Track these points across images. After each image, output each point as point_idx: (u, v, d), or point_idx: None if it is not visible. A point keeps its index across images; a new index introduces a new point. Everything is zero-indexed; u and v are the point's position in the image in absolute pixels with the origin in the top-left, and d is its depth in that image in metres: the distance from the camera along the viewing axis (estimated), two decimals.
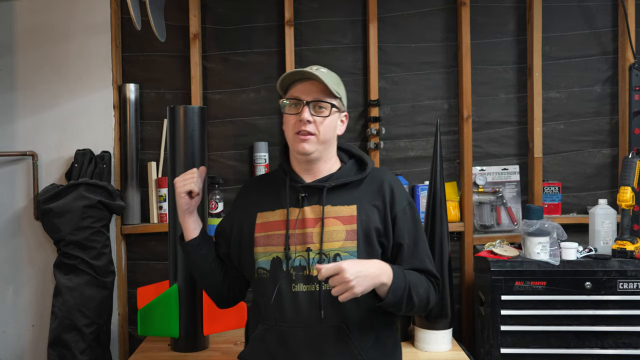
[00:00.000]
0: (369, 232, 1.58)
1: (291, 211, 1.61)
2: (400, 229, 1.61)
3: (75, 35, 2.57)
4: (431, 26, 2.68)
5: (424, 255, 1.63)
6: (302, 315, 1.55)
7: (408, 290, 1.51)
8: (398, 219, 1.61)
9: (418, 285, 1.55)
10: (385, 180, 1.65)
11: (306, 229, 1.59)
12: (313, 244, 1.58)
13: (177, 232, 2.16)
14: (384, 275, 1.48)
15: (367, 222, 1.58)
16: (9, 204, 2.57)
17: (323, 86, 1.57)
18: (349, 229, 1.58)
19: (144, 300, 2.26)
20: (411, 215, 1.64)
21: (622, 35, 2.65)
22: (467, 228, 2.62)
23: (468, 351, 2.28)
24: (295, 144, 1.59)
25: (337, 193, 1.62)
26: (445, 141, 2.67)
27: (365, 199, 1.62)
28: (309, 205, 1.61)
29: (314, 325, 1.55)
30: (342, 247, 1.56)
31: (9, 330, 2.60)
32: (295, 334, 1.56)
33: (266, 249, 1.62)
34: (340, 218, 1.59)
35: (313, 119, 1.57)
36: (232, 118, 2.68)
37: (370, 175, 1.65)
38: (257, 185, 1.77)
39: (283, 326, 1.57)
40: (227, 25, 2.67)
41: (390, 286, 1.48)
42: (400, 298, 1.50)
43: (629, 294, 2.22)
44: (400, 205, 1.63)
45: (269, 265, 1.61)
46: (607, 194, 2.69)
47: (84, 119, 2.57)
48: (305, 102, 1.57)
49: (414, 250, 1.62)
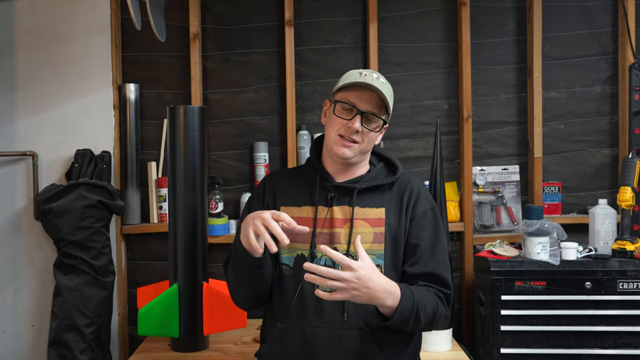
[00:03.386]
0: (396, 236, 1.58)
1: (320, 210, 1.61)
2: (417, 230, 1.59)
3: (76, 36, 2.57)
4: (431, 26, 2.68)
5: (440, 261, 1.59)
6: (325, 315, 1.54)
7: (416, 311, 1.47)
8: (417, 220, 1.60)
9: (426, 304, 1.50)
10: (411, 183, 1.65)
11: (334, 229, 1.59)
12: (340, 244, 1.57)
13: (177, 232, 2.18)
14: (389, 298, 1.43)
15: (395, 226, 1.59)
16: (9, 204, 2.57)
17: (380, 100, 1.56)
18: (377, 231, 1.58)
19: (144, 300, 2.27)
20: (432, 220, 1.62)
21: (622, 35, 2.65)
22: (467, 228, 2.62)
23: (468, 351, 2.28)
24: (337, 146, 1.58)
25: (365, 195, 1.62)
26: (445, 141, 2.67)
27: (393, 202, 1.62)
28: (339, 206, 1.61)
29: (337, 327, 1.54)
30: (370, 249, 1.56)
31: (9, 330, 2.60)
32: (317, 334, 1.54)
33: (291, 246, 1.59)
34: (369, 220, 1.59)
35: (362, 129, 1.56)
36: (232, 118, 2.68)
37: (400, 179, 1.65)
38: (283, 179, 1.71)
39: (304, 325, 1.56)
40: (227, 25, 2.67)
41: (396, 308, 1.44)
42: (407, 319, 1.47)
43: (629, 294, 2.22)
44: (422, 208, 1.62)
45: (292, 262, 1.59)
46: (607, 194, 2.69)
47: (84, 119, 2.57)
48: (359, 112, 1.55)
49: (431, 254, 1.58)
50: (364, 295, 1.38)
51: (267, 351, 1.64)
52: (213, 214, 2.56)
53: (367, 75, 1.56)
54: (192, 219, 2.17)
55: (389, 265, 1.58)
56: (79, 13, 2.56)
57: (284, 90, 2.63)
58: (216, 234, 2.55)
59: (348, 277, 1.35)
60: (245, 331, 2.39)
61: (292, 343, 1.57)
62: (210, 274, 2.41)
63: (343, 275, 1.35)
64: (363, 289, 1.37)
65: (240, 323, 2.20)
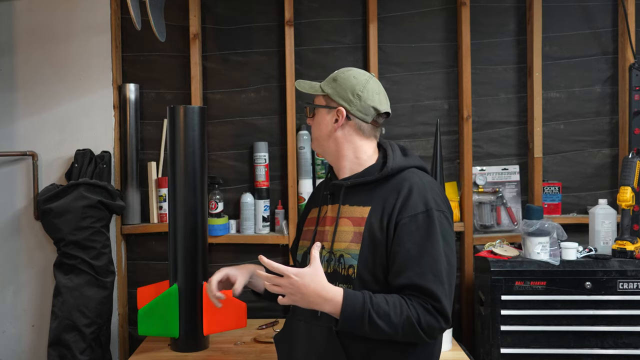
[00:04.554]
0: (375, 237, 1.51)
1: (322, 209, 1.67)
2: (401, 235, 1.47)
3: (75, 36, 2.57)
4: (431, 26, 2.68)
5: (426, 270, 1.43)
6: (306, 310, 1.54)
7: (368, 318, 1.40)
8: (403, 225, 1.48)
9: (390, 314, 1.41)
10: (407, 183, 1.53)
11: (325, 227, 1.62)
12: (327, 242, 1.59)
13: (177, 232, 2.17)
14: (326, 304, 1.43)
15: (375, 226, 1.52)
16: (9, 204, 2.57)
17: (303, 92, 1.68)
18: (356, 230, 1.54)
19: (144, 300, 2.26)
20: (424, 225, 1.47)
21: (622, 35, 2.64)
22: (467, 228, 2.62)
23: (468, 351, 2.28)
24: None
25: (357, 193, 1.59)
26: (445, 141, 2.67)
27: (381, 200, 1.54)
28: (331, 204, 1.64)
29: (311, 322, 1.57)
30: (347, 248, 1.54)
31: (9, 330, 2.60)
32: (298, 328, 1.62)
33: (302, 243, 1.71)
34: (352, 219, 1.57)
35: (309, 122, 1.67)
36: (232, 118, 2.68)
37: (398, 176, 1.56)
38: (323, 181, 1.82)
39: (292, 318, 1.65)
40: (227, 25, 2.67)
41: (339, 315, 1.42)
42: (357, 326, 1.42)
43: (629, 294, 2.22)
44: (412, 211, 1.48)
45: (301, 258, 1.69)
46: (607, 194, 2.69)
47: (84, 119, 2.57)
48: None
49: (415, 262, 1.44)
50: (300, 300, 1.43)
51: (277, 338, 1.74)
52: (213, 214, 2.55)
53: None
54: (192, 219, 2.17)
55: (362, 267, 1.51)
56: (79, 13, 2.56)
57: (284, 90, 2.63)
58: (216, 234, 2.55)
59: (282, 282, 1.42)
60: (245, 331, 2.39)
61: (287, 334, 1.68)
62: (211, 274, 2.40)
63: (278, 281, 1.42)
64: (298, 294, 1.42)
65: (240, 323, 2.20)
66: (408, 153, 1.63)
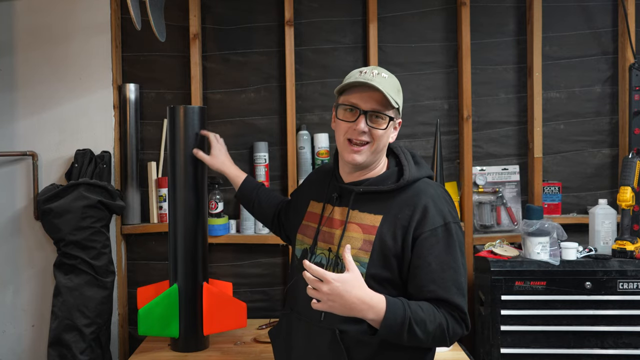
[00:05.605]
0: (385, 247, 1.49)
1: (326, 208, 1.64)
2: (421, 249, 1.47)
3: (75, 35, 2.57)
4: (431, 26, 2.68)
5: (450, 284, 1.46)
6: (308, 310, 1.52)
7: (408, 326, 1.40)
8: (423, 239, 1.47)
9: (426, 322, 1.42)
10: (424, 196, 1.51)
11: (332, 229, 1.60)
12: (333, 245, 1.58)
13: (177, 232, 2.18)
14: (369, 311, 1.39)
15: (386, 237, 1.50)
16: (9, 204, 2.57)
17: (383, 96, 1.49)
18: (366, 238, 1.52)
19: (144, 300, 2.27)
20: (444, 238, 1.48)
21: (622, 35, 2.65)
22: (467, 228, 2.62)
23: (468, 351, 2.28)
24: (346, 152, 1.55)
25: (368, 199, 1.56)
26: (445, 141, 2.67)
27: (394, 211, 1.51)
28: (340, 206, 1.61)
29: (314, 323, 1.56)
30: (355, 255, 1.51)
31: (9, 330, 2.60)
32: (299, 326, 1.61)
33: (302, 238, 1.69)
34: (362, 226, 1.54)
35: (368, 129, 1.52)
36: (232, 118, 2.68)
37: (413, 187, 1.54)
38: (321, 173, 1.79)
39: (292, 315, 1.63)
40: (227, 25, 2.67)
41: (381, 322, 1.39)
42: (397, 333, 1.40)
43: (629, 294, 2.22)
44: (431, 225, 1.48)
45: (300, 254, 1.68)
46: (607, 194, 2.69)
47: (84, 119, 2.57)
48: (363, 112, 1.51)
49: (438, 276, 1.45)
50: (340, 307, 1.38)
51: (273, 334, 1.75)
52: (213, 214, 2.55)
53: (366, 73, 1.52)
54: (192, 219, 2.17)
55: (370, 275, 1.49)
56: (78, 13, 2.56)
57: (284, 90, 2.63)
58: (216, 234, 2.55)
59: (321, 287, 1.36)
60: (245, 331, 2.39)
61: (284, 328, 1.67)
62: (210, 274, 2.41)
63: (318, 285, 1.37)
64: (338, 301, 1.36)
65: (240, 323, 2.20)
66: (419, 160, 1.62)
